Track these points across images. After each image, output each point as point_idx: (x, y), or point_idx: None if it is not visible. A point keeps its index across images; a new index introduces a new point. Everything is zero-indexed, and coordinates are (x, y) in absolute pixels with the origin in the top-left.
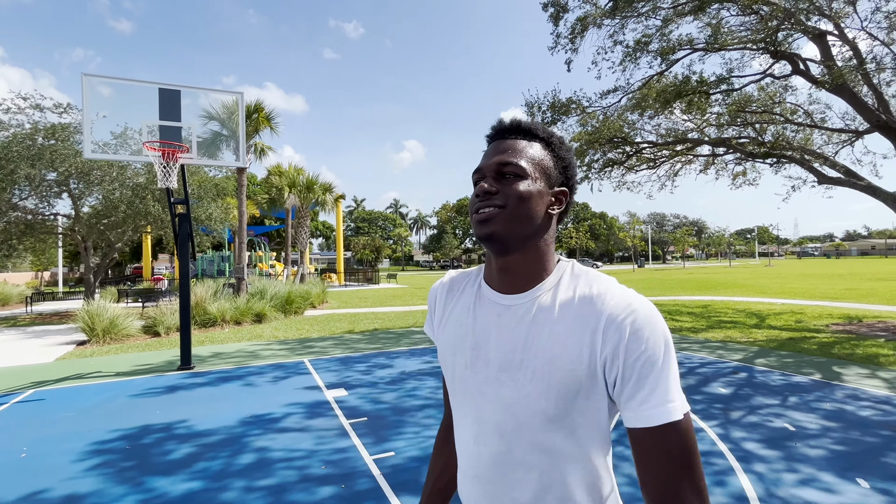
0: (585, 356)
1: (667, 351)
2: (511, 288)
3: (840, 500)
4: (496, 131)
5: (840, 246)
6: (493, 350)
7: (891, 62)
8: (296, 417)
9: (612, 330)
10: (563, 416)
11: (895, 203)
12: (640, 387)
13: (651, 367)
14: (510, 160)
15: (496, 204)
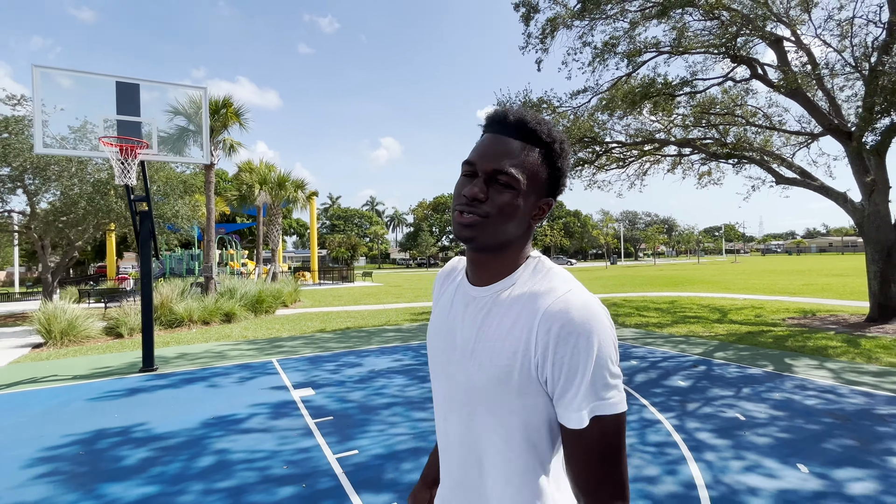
0: (520, 352)
1: (593, 356)
2: (480, 281)
3: (780, 484)
4: (498, 122)
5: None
6: (459, 337)
7: (842, 68)
8: (260, 418)
9: (543, 331)
10: (503, 406)
11: (845, 202)
12: (566, 390)
13: (574, 374)
14: (506, 169)
15: (482, 212)
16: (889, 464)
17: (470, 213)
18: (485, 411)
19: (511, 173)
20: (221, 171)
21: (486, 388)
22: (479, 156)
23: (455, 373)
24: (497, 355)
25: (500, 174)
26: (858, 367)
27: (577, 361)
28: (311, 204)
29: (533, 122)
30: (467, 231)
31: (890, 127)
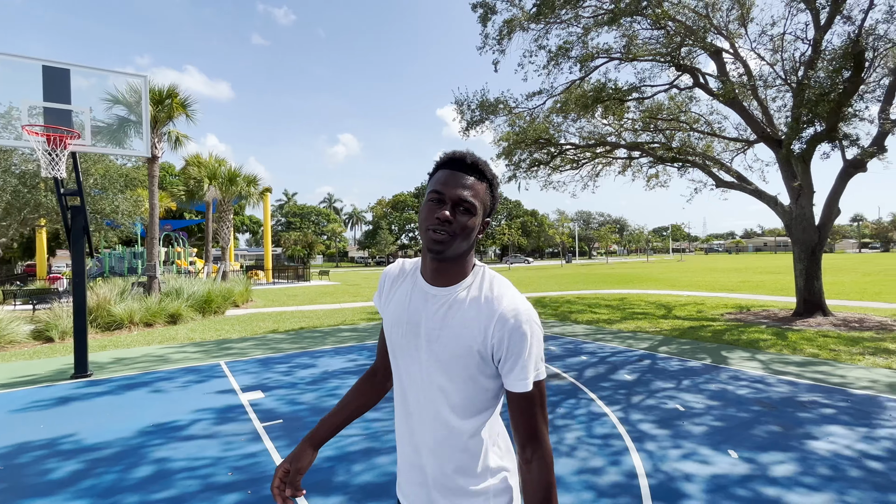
0: (479, 338)
1: (532, 343)
2: (439, 282)
3: (713, 470)
4: (457, 162)
5: (739, 243)
6: (423, 325)
7: (773, 80)
8: (204, 424)
9: (500, 325)
10: (460, 377)
11: (776, 205)
12: (513, 366)
13: (519, 355)
14: (468, 199)
15: (450, 231)
16: (807, 447)
17: (442, 231)
18: (445, 380)
19: (471, 201)
20: (167, 164)
21: (448, 362)
22: (446, 187)
23: (419, 352)
24: (460, 339)
25: (463, 202)
26: (785, 358)
27: (523, 347)
28: (265, 200)
29: (482, 164)
30: (438, 245)
31: (814, 136)
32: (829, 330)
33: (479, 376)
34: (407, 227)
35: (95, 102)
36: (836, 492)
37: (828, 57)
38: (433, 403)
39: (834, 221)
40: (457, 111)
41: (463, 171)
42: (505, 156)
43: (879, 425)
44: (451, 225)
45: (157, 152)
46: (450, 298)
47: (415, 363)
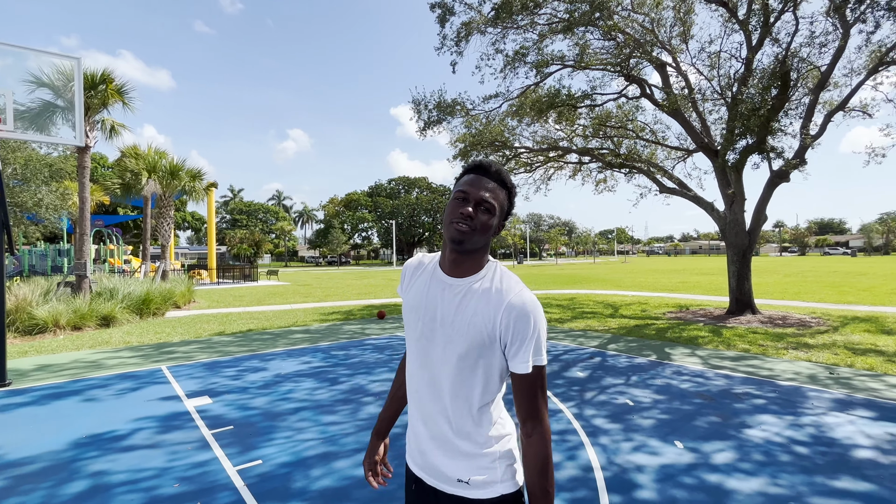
0: (489, 325)
1: (535, 330)
2: (455, 273)
3: (662, 461)
4: (482, 168)
5: (677, 246)
6: (439, 312)
7: (711, 94)
8: (146, 433)
9: (507, 313)
10: (471, 357)
11: (712, 211)
12: (517, 351)
13: (523, 340)
14: (488, 200)
15: (470, 226)
16: (743, 435)
17: (465, 225)
18: (456, 361)
19: (491, 203)
20: (99, 155)
21: (461, 345)
22: (471, 188)
23: (435, 335)
24: (472, 326)
25: (484, 202)
26: (721, 354)
27: (527, 334)
28: (210, 196)
29: (504, 174)
30: (460, 236)
31: (746, 147)
32: (758, 327)
33: (489, 358)
34: (360, 227)
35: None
36: (769, 476)
37: (758, 75)
38: (448, 381)
39: (762, 227)
40: (414, 111)
41: (487, 177)
42: (461, 157)
43: (803, 413)
44: (472, 221)
45: (89, 142)
46: (464, 288)
47: (431, 345)
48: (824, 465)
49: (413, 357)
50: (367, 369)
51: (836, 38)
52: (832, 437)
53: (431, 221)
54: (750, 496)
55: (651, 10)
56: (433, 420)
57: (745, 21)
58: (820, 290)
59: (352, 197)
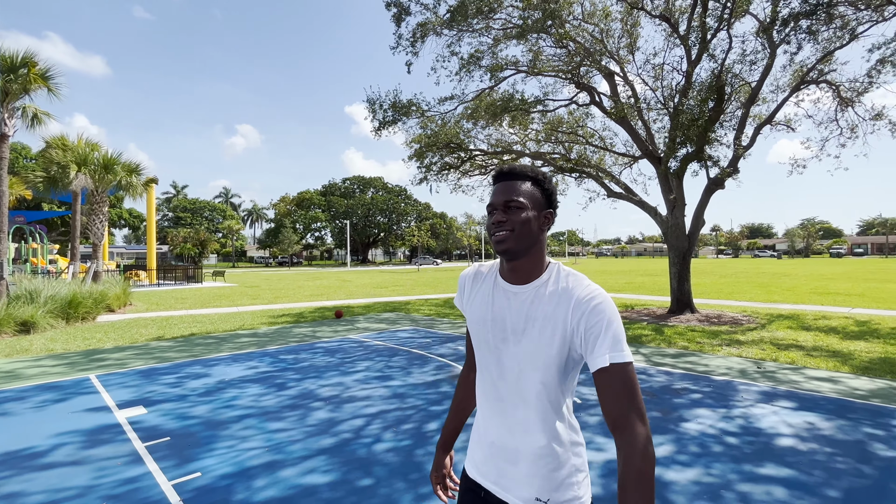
0: (561, 327)
1: (610, 322)
2: (517, 280)
3: (606, 456)
4: (500, 175)
5: (624, 248)
6: (508, 321)
7: (655, 104)
8: (69, 448)
9: (577, 311)
10: (547, 364)
11: (656, 215)
12: (593, 347)
13: (598, 335)
14: (513, 197)
15: (507, 229)
16: (682, 429)
17: (499, 232)
18: (531, 369)
19: (517, 199)
20: (21, 145)
21: (535, 353)
22: (494, 198)
23: (508, 346)
24: (544, 331)
25: (511, 202)
26: (662, 351)
27: (600, 327)
28: (150, 192)
29: (519, 168)
30: (502, 245)
31: (686, 155)
32: (696, 325)
33: (565, 362)
34: (313, 227)
35: None
36: (703, 466)
37: (697, 88)
38: (525, 390)
39: (700, 230)
40: (368, 110)
41: (505, 180)
42: (416, 158)
43: (734, 406)
44: (505, 223)
45: (6, 130)
46: (531, 295)
47: (504, 356)
48: (751, 454)
49: (484, 368)
50: (318, 373)
51: (765, 57)
52: (758, 428)
53: (387, 222)
54: (685, 486)
55: (600, 20)
56: (515, 431)
57: (685, 37)
58: (750, 289)
59: (304, 196)
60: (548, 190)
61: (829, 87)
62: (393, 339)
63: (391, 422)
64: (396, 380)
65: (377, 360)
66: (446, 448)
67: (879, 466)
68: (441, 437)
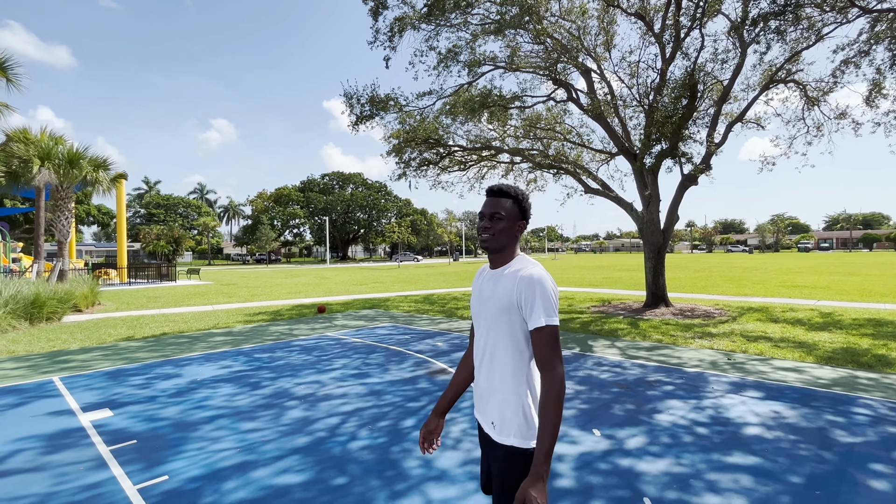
0: (512, 297)
1: (540, 294)
2: (494, 266)
3: (580, 449)
4: (491, 191)
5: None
6: (484, 294)
7: (631, 101)
8: (28, 454)
9: (519, 285)
10: (506, 324)
11: (632, 211)
12: (529, 312)
13: (532, 304)
14: (496, 211)
15: (489, 233)
16: (654, 420)
17: (485, 234)
18: (496, 329)
19: (500, 213)
20: None
21: (498, 316)
22: (485, 208)
23: (483, 311)
24: (502, 299)
25: (495, 214)
26: (637, 344)
27: (534, 298)
28: (120, 188)
29: (506, 188)
30: (484, 244)
31: (661, 152)
32: (670, 318)
33: (514, 322)
34: (291, 223)
35: None
36: (673, 456)
37: (671, 85)
38: (496, 346)
39: (675, 226)
40: (346, 104)
41: (494, 196)
42: (395, 153)
43: (705, 397)
44: (489, 229)
45: None
46: (498, 274)
47: (480, 318)
48: (720, 444)
49: (477, 334)
50: (293, 372)
51: (736, 56)
52: (727, 417)
53: (367, 218)
54: (657, 477)
55: (577, 17)
56: (484, 376)
57: (659, 35)
58: (723, 283)
59: (282, 192)
60: (524, 206)
61: (796, 87)
62: (371, 336)
63: (367, 419)
64: (374, 377)
65: (354, 357)
66: (438, 413)
67: (839, 452)
68: (438, 403)
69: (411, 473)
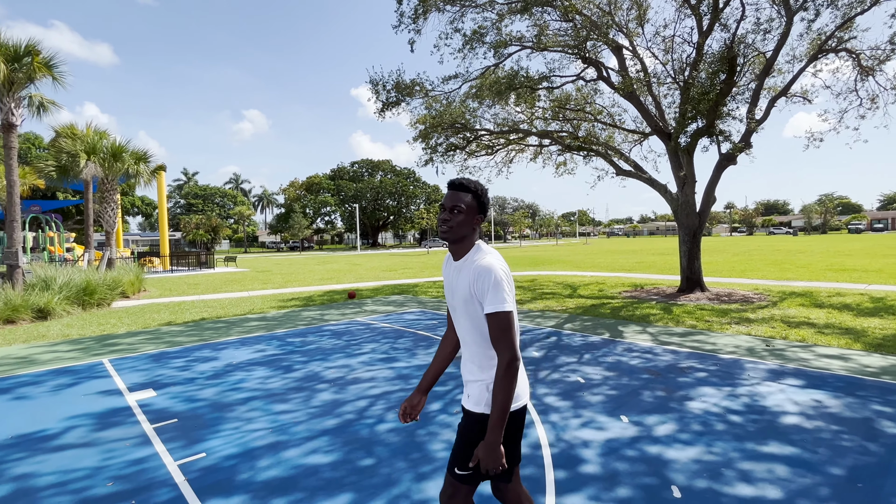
0: (469, 285)
1: (491, 284)
2: (457, 258)
3: (607, 435)
4: (451, 185)
5: (636, 227)
6: (452, 285)
7: (665, 78)
8: (80, 431)
9: (474, 275)
10: (468, 311)
11: (665, 192)
12: (482, 299)
13: (485, 291)
14: (456, 204)
15: (448, 225)
16: (686, 407)
17: (444, 226)
18: (464, 316)
19: (459, 205)
20: (34, 135)
21: (463, 305)
22: (445, 201)
23: (453, 302)
24: (463, 289)
25: (455, 207)
26: (670, 330)
27: (486, 287)
28: (160, 179)
29: (465, 182)
30: (443, 235)
31: (696, 130)
32: (705, 303)
33: (478, 311)
34: (322, 211)
35: None
36: (704, 444)
37: (708, 59)
38: (466, 332)
39: (711, 208)
40: (372, 91)
41: (454, 190)
42: (421, 139)
43: (740, 384)
44: (449, 221)
45: (13, 119)
46: (460, 266)
47: (452, 309)
48: (755, 432)
49: (453, 321)
50: (324, 356)
51: (780, 25)
52: (764, 406)
53: (396, 205)
54: (686, 465)
55: None
56: (463, 358)
57: (696, 6)
58: (763, 267)
59: (313, 180)
60: (482, 201)
61: (848, 56)
62: (400, 322)
63: (394, 403)
64: (401, 361)
65: (383, 342)
66: (422, 390)
67: (886, 444)
68: (421, 380)
69: (436, 456)
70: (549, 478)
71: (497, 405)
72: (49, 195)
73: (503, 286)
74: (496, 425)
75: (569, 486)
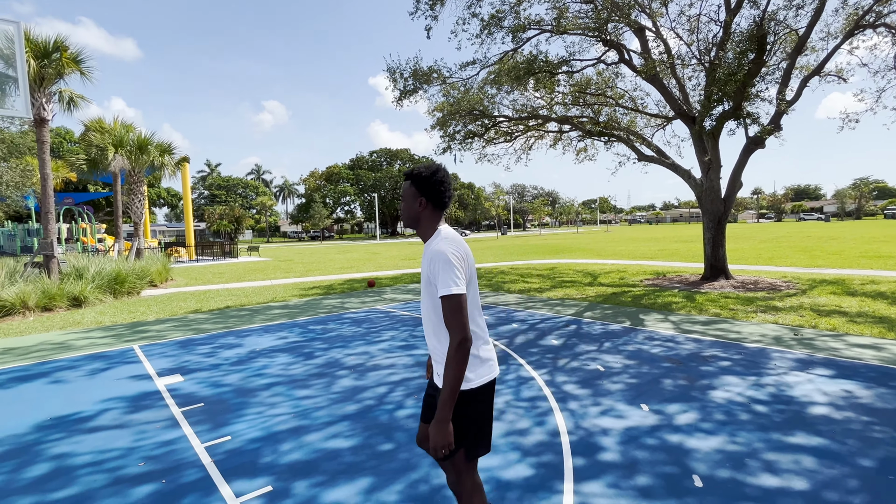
0: (427, 270)
1: (442, 268)
2: (424, 241)
3: (627, 423)
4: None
5: (659, 214)
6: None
7: (689, 60)
8: (113, 413)
9: (428, 259)
10: (428, 291)
11: (689, 178)
12: (437, 282)
13: (436, 276)
14: (402, 194)
15: (400, 213)
16: (708, 396)
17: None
18: (426, 298)
19: (401, 195)
20: (63, 130)
21: (423, 286)
22: None
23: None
24: (424, 272)
25: (400, 197)
26: (692, 318)
27: (437, 272)
28: (184, 171)
29: (407, 172)
30: (402, 222)
31: (722, 113)
32: (730, 291)
33: (435, 294)
34: (342, 200)
35: None
36: (728, 434)
37: (736, 39)
38: (427, 312)
39: (737, 193)
40: (389, 79)
41: (404, 181)
42: (439, 127)
43: (765, 374)
44: (401, 210)
45: (45, 114)
46: (426, 251)
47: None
48: (781, 423)
49: None
50: (344, 343)
51: (814, 1)
52: (790, 396)
53: None
54: (708, 454)
55: None
56: (428, 337)
57: None
58: (792, 254)
59: (333, 170)
60: (420, 186)
61: (887, 32)
62: (419, 310)
63: (413, 389)
64: (420, 349)
65: (402, 329)
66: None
67: None
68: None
69: None
70: (568, 465)
71: (447, 383)
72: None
73: (454, 269)
74: (445, 403)
75: (587, 474)
